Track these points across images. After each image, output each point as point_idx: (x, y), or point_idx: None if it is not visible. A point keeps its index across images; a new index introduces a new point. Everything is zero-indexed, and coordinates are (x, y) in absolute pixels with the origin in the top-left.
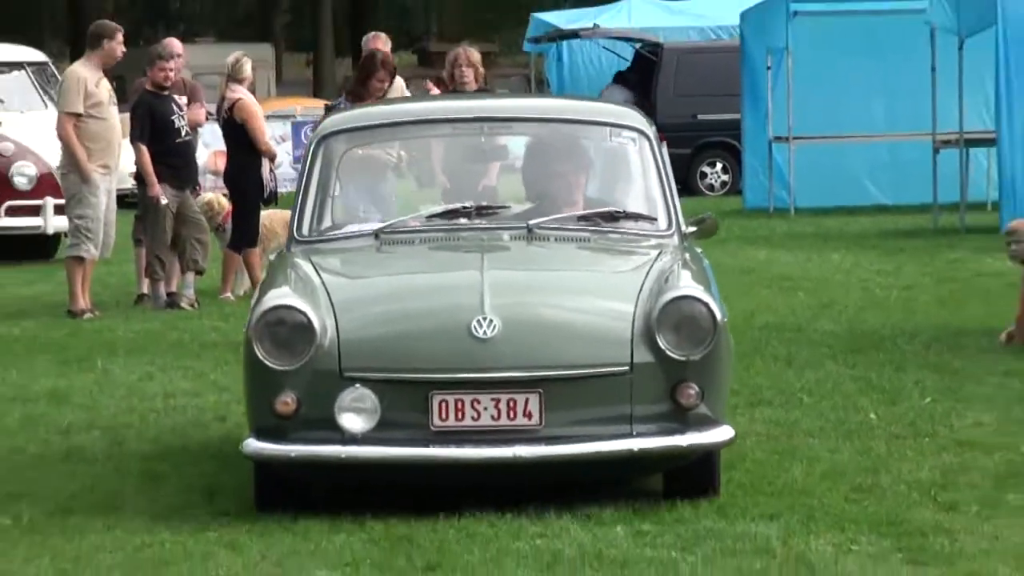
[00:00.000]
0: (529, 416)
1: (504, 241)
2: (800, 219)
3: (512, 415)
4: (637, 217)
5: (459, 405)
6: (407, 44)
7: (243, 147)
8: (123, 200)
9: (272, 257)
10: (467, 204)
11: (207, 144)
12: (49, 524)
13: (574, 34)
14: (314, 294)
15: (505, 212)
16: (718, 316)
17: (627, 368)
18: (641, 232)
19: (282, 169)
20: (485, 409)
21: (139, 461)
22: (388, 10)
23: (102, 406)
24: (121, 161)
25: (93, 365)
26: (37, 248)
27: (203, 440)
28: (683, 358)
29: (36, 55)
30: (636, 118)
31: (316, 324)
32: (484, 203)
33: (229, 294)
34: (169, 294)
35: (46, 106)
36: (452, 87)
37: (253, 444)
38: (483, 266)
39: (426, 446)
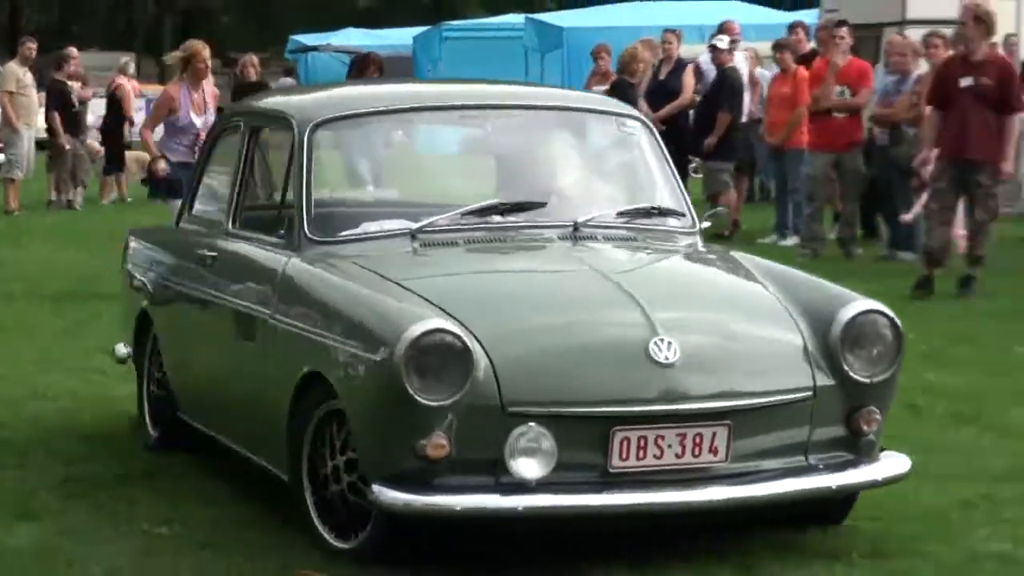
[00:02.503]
0: (715, 452)
1: (561, 243)
2: None
3: (697, 451)
4: (669, 213)
5: (642, 443)
6: (216, 54)
7: (118, 113)
8: (41, 144)
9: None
10: (504, 200)
11: (93, 111)
12: None
13: (315, 48)
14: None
15: (540, 208)
16: (902, 331)
17: (811, 393)
18: (676, 229)
19: (136, 128)
20: (669, 446)
21: (51, 300)
22: (207, 30)
23: (26, 268)
24: (39, 121)
25: (20, 243)
26: None
27: (97, 284)
28: (866, 380)
29: None
30: (631, 109)
31: (472, 349)
32: (520, 199)
33: (105, 201)
34: (68, 201)
35: None
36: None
37: (391, 495)
38: (605, 273)
39: (605, 491)
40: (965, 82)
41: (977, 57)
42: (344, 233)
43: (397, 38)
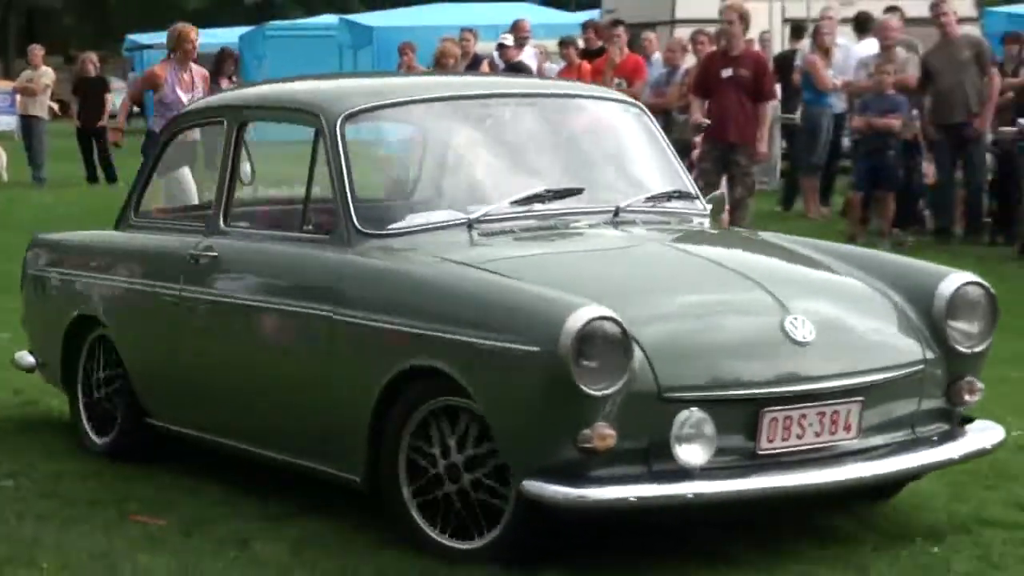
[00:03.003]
0: (848, 429)
1: (609, 227)
2: None
3: (833, 429)
4: (686, 196)
5: (787, 423)
6: (58, 51)
7: None
8: None
9: None
10: (549, 188)
11: None
12: None
13: (150, 46)
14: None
15: (579, 194)
16: (997, 300)
17: (922, 366)
18: (693, 212)
19: None
20: (810, 425)
21: None
22: (50, 31)
23: None
24: None
25: None
26: None
27: None
28: (967, 350)
29: None
30: (630, 98)
31: (631, 335)
32: (560, 187)
33: None
34: None
35: None
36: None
37: (550, 489)
38: (701, 255)
39: (756, 474)
40: (726, 73)
41: (736, 52)
42: (394, 226)
43: (225, 37)
